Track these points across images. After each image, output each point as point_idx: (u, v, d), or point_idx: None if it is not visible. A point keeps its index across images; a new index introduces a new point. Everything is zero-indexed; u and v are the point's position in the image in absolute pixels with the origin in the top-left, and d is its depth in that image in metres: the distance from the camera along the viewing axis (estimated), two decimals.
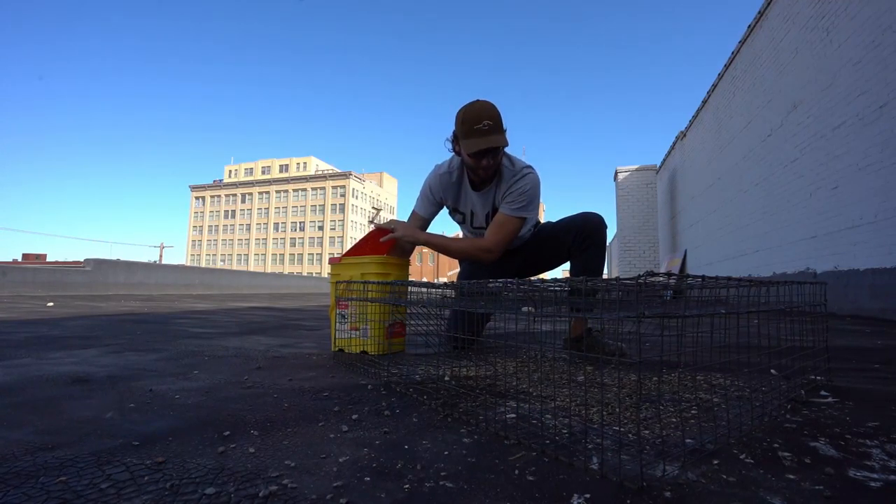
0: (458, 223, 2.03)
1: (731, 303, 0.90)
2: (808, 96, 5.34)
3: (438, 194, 1.93)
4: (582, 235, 1.82)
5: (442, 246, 1.88)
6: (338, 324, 1.80)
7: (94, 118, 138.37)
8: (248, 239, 70.69)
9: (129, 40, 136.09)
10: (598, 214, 1.86)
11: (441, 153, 2.01)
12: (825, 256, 4.92)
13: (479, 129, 1.62)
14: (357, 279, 1.74)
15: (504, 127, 1.68)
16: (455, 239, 1.93)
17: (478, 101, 1.69)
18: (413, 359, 1.69)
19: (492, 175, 1.80)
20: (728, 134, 8.07)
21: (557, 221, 1.98)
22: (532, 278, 1.11)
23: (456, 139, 1.75)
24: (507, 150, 1.80)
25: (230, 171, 74.54)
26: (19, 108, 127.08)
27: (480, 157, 1.69)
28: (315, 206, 67.47)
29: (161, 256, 52.61)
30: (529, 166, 1.83)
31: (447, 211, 2.03)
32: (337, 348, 1.80)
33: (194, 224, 75.27)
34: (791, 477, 0.66)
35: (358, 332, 1.75)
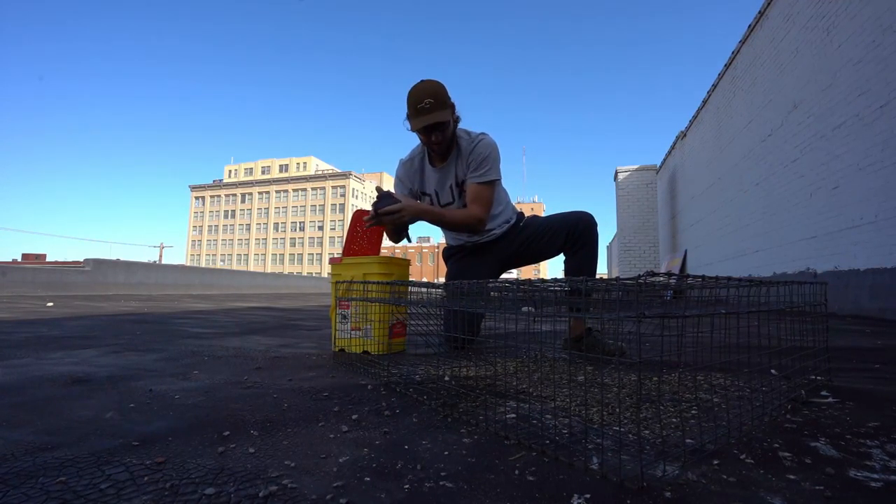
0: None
1: (731, 303, 0.90)
2: (808, 96, 5.34)
3: (407, 183, 2.02)
4: (574, 236, 1.85)
5: (438, 218, 1.89)
6: (339, 324, 1.79)
7: (94, 118, 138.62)
8: (248, 239, 70.68)
9: (129, 40, 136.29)
10: (588, 214, 1.89)
11: None
12: (825, 256, 4.92)
13: (421, 107, 1.72)
14: (359, 279, 1.74)
15: (449, 102, 1.78)
16: (448, 211, 1.95)
17: (422, 81, 1.77)
18: (413, 359, 1.69)
19: (445, 149, 1.87)
20: (728, 134, 8.07)
21: (548, 218, 1.99)
22: (532, 279, 1.11)
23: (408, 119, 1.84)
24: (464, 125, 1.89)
25: (230, 171, 74.55)
26: (19, 108, 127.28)
27: (428, 133, 1.78)
28: (315, 206, 67.47)
29: (161, 256, 52.64)
30: (483, 133, 1.90)
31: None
32: (338, 348, 1.80)
33: (194, 224, 75.26)
34: (791, 477, 0.66)
35: (360, 333, 1.75)
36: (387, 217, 1.71)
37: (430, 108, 1.71)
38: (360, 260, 1.85)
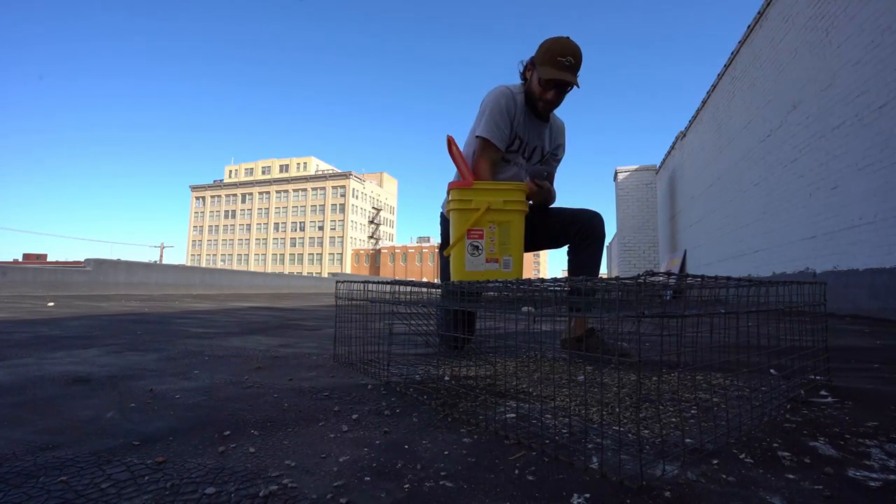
0: (507, 149, 1.87)
1: (731, 303, 0.90)
2: (807, 96, 5.34)
3: (508, 118, 1.78)
4: (585, 232, 1.85)
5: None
6: (469, 255, 1.63)
7: (95, 118, 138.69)
8: (249, 239, 70.69)
9: (129, 40, 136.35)
10: (600, 214, 1.90)
11: (439, 154, 2.00)
12: (825, 256, 4.93)
13: (561, 61, 1.66)
14: (497, 207, 1.58)
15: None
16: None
17: (568, 38, 1.71)
18: (413, 359, 1.69)
19: (550, 111, 1.85)
20: (728, 134, 8.07)
21: (560, 209, 1.97)
22: (532, 278, 1.11)
23: (531, 66, 1.77)
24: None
25: (230, 172, 74.55)
26: (20, 107, 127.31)
27: (550, 88, 1.73)
28: (315, 206, 67.47)
29: (161, 256, 52.59)
30: None
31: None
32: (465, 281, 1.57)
33: (194, 224, 75.27)
34: (790, 476, 0.67)
35: (498, 265, 1.62)
36: (543, 191, 1.72)
37: (569, 67, 1.66)
38: (499, 185, 1.65)
